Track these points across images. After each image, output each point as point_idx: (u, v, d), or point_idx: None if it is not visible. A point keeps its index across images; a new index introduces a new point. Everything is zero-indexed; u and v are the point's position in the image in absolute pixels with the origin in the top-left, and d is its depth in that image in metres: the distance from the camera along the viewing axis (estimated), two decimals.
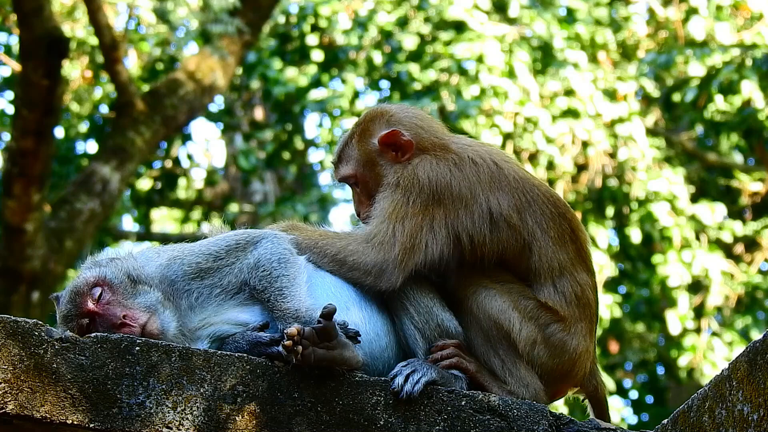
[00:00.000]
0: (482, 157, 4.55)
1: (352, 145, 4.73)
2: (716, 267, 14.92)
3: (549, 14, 15.78)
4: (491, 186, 4.48)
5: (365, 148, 4.69)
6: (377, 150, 4.65)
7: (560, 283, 4.47)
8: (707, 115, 15.50)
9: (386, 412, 4.03)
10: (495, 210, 4.45)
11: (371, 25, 15.93)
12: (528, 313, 4.40)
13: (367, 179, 4.68)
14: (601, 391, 4.63)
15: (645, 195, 14.92)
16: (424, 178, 4.45)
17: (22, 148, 12.08)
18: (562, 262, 4.49)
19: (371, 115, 4.77)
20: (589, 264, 4.59)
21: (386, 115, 4.73)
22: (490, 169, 4.51)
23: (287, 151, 18.29)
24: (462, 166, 4.49)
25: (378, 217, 4.43)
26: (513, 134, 14.42)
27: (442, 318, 4.42)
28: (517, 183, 4.53)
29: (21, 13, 11.93)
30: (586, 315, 4.49)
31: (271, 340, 4.11)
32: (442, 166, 4.49)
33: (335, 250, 4.41)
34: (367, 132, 4.71)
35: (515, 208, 4.47)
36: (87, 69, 17.15)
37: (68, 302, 4.22)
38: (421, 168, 4.48)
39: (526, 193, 4.51)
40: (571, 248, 4.53)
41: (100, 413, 3.86)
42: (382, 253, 4.35)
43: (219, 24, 13.78)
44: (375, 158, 4.65)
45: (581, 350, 4.45)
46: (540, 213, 4.51)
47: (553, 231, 4.50)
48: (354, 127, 4.79)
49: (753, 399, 3.53)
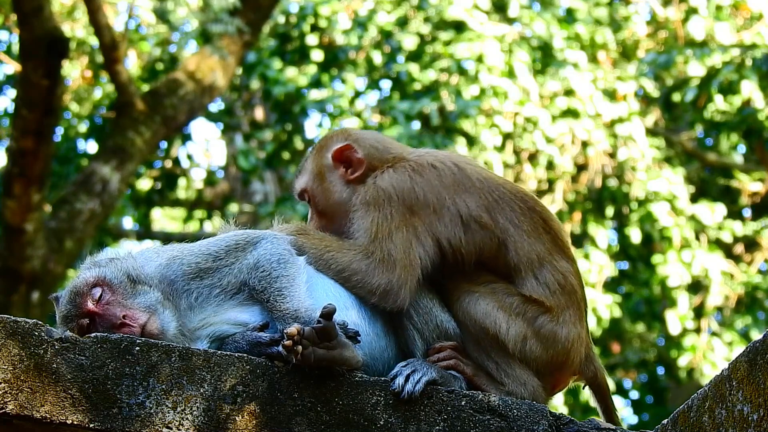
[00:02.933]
0: (442, 161, 4.57)
1: (310, 158, 4.79)
2: (716, 267, 14.91)
3: (549, 14, 15.79)
4: (456, 188, 4.49)
5: (319, 161, 4.72)
6: (329, 165, 4.69)
7: (541, 274, 4.47)
8: (707, 115, 15.51)
9: (386, 412, 4.03)
10: (464, 212, 4.46)
11: (371, 25, 15.93)
12: (514, 310, 4.40)
13: (316, 194, 4.71)
14: (601, 376, 4.62)
15: (645, 195, 14.91)
16: (388, 188, 4.47)
17: (22, 148, 12.08)
18: (540, 253, 4.49)
19: (333, 133, 4.84)
20: (567, 252, 4.59)
21: (345, 134, 4.79)
22: (452, 172, 4.53)
23: (287, 151, 18.28)
24: (422, 172, 4.51)
25: (363, 237, 4.43)
26: (513, 134, 14.42)
27: (442, 319, 4.42)
28: (482, 183, 4.54)
29: (21, 13, 11.93)
30: (572, 301, 4.49)
31: (271, 340, 4.11)
32: (399, 174, 4.51)
33: (340, 267, 4.40)
34: (324, 147, 4.76)
35: (484, 207, 4.49)
36: (87, 69, 17.16)
37: (68, 302, 4.22)
38: (380, 180, 4.51)
39: (492, 192, 4.53)
40: (546, 239, 4.53)
41: (100, 413, 3.86)
42: (385, 274, 4.34)
43: (219, 24, 13.78)
44: (325, 173, 4.69)
45: (573, 337, 4.44)
46: (509, 209, 4.51)
47: (525, 225, 4.51)
48: (317, 142, 4.86)
49: (753, 399, 3.53)
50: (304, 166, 4.79)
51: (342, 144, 4.69)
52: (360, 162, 4.65)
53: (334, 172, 4.69)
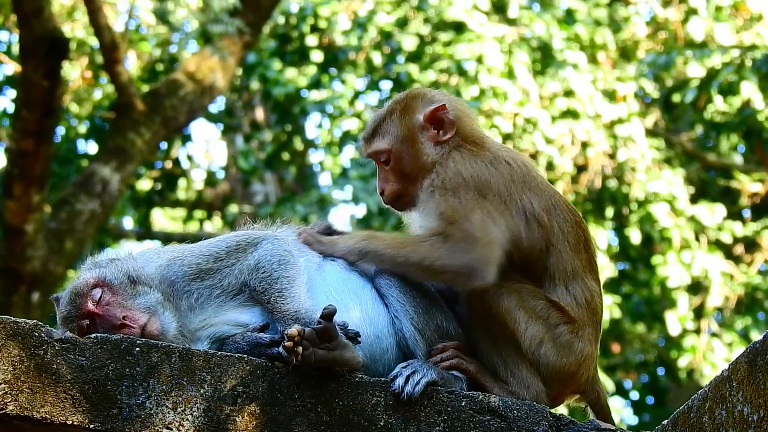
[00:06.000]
0: (514, 159, 4.59)
1: (392, 120, 4.66)
2: (716, 268, 14.92)
3: (548, 15, 15.79)
4: (524, 186, 4.52)
5: (407, 123, 4.63)
6: (420, 125, 4.62)
7: (572, 286, 4.49)
8: (707, 116, 15.51)
9: (386, 413, 4.03)
10: (528, 209, 4.48)
11: (371, 26, 15.94)
12: (537, 313, 4.40)
13: (402, 155, 4.61)
14: (603, 398, 4.63)
15: (644, 196, 14.91)
16: (467, 175, 4.46)
17: (23, 149, 12.08)
18: (576, 267, 4.52)
19: (413, 93, 4.75)
20: (597, 274, 4.63)
21: (429, 94, 4.72)
22: (521, 170, 4.55)
23: (287, 152, 18.29)
24: (497, 165, 4.52)
25: (439, 221, 4.39)
26: (512, 135, 14.42)
27: (442, 319, 4.42)
28: (545, 186, 4.60)
29: (21, 13, 11.92)
30: (593, 321, 4.51)
31: (271, 341, 4.12)
32: (479, 163, 4.51)
33: (420, 257, 4.35)
34: (410, 108, 4.66)
35: (545, 209, 4.51)
36: (87, 70, 17.16)
37: (68, 303, 4.22)
38: (462, 166, 4.48)
39: (552, 197, 4.57)
40: (584, 256, 4.56)
41: (100, 414, 3.86)
42: (469, 253, 4.31)
43: (219, 24, 13.78)
44: (416, 134, 4.61)
45: (587, 353, 4.46)
46: (563, 218, 4.55)
47: (571, 237, 4.54)
48: (393, 103, 4.72)
49: (753, 400, 3.53)
50: (385, 128, 4.66)
51: (436, 105, 4.62)
52: (452, 123, 4.60)
53: (425, 133, 4.62)
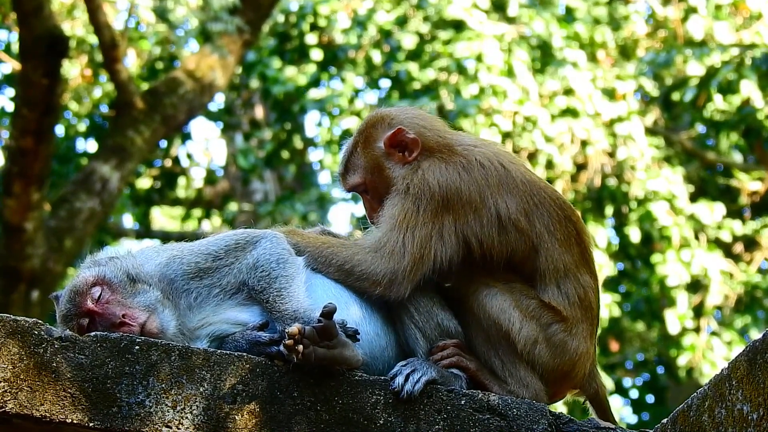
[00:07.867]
0: (490, 160, 4.53)
1: (358, 153, 4.70)
2: (715, 266, 14.91)
3: (548, 13, 15.78)
4: (499, 189, 4.47)
5: (371, 153, 4.66)
6: (384, 153, 4.64)
7: (564, 284, 4.48)
8: (706, 115, 15.51)
9: (386, 411, 4.03)
10: (503, 213, 4.45)
11: (370, 24, 15.93)
12: (530, 313, 4.40)
13: (376, 184, 4.65)
14: (602, 393, 4.64)
15: (644, 194, 14.91)
16: (434, 184, 4.43)
17: (22, 147, 12.08)
18: (567, 264, 4.50)
19: (372, 121, 4.74)
20: (592, 267, 4.61)
21: (387, 119, 4.71)
22: (498, 172, 4.50)
23: (287, 150, 18.29)
24: (470, 170, 4.48)
25: (387, 224, 4.41)
26: (512, 133, 14.41)
27: (442, 317, 4.42)
28: (525, 186, 4.53)
29: (21, 12, 11.92)
30: (587, 317, 4.50)
31: (270, 340, 4.12)
32: (451, 170, 4.47)
33: (341, 260, 4.38)
34: (371, 138, 4.69)
35: (523, 211, 4.47)
36: (86, 68, 17.14)
37: (68, 301, 4.22)
38: (430, 173, 4.46)
39: (533, 196, 4.52)
40: (576, 251, 4.54)
41: (99, 412, 3.86)
42: (392, 263, 4.33)
43: (219, 23, 13.78)
44: (382, 162, 4.63)
45: (581, 351, 4.46)
46: (548, 216, 4.51)
47: (559, 233, 4.51)
48: (356, 135, 4.76)
49: (752, 398, 3.53)
50: (353, 162, 4.70)
51: (392, 131, 4.63)
52: (415, 142, 4.60)
53: (390, 159, 4.63)
